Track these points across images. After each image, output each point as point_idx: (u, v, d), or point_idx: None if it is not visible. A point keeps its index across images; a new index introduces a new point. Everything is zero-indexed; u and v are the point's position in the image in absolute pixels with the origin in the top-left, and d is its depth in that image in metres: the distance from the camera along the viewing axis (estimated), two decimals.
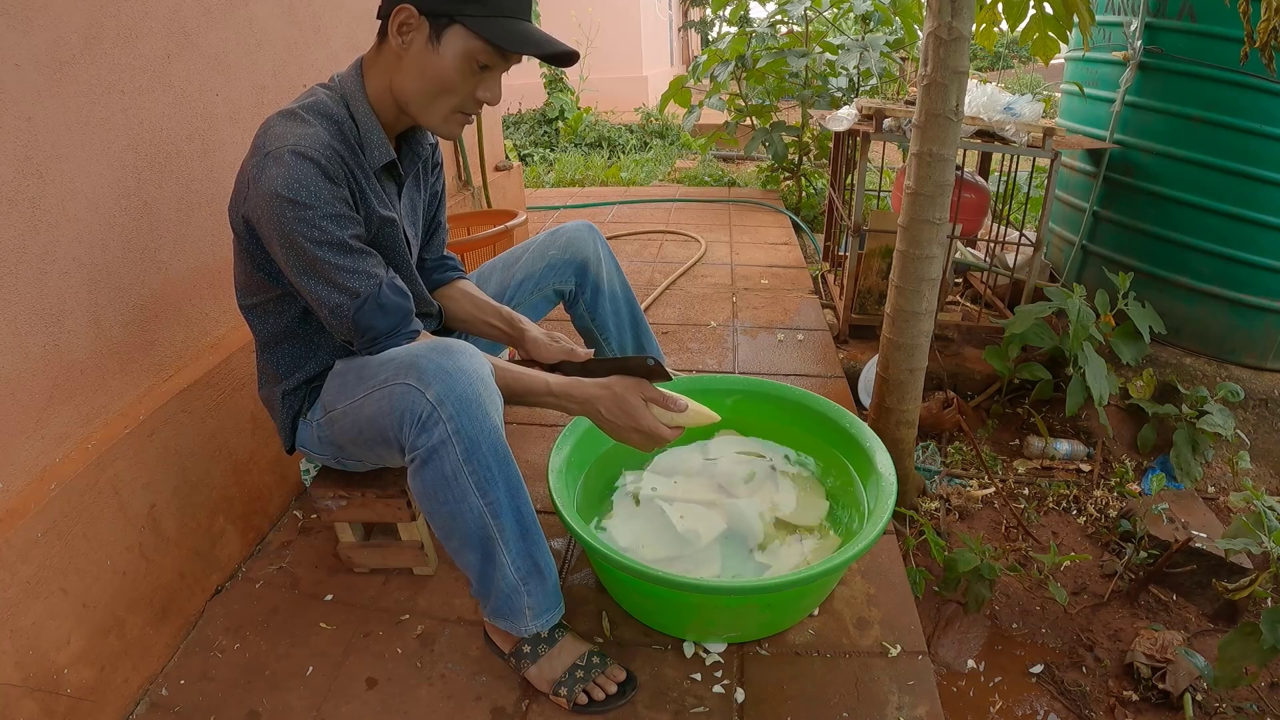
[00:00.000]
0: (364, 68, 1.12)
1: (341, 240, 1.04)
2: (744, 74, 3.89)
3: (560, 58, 1.08)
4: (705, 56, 3.99)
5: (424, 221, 1.35)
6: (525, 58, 1.09)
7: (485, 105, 1.12)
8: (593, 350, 1.28)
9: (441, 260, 1.42)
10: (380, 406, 1.05)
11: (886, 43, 3.62)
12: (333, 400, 1.16)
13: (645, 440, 1.13)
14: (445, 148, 2.75)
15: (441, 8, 1.01)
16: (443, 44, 1.03)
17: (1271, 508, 1.31)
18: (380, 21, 1.07)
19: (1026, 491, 1.94)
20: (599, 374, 1.22)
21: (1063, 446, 2.03)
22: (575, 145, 6.34)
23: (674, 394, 1.14)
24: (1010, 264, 2.39)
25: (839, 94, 3.86)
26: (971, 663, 1.47)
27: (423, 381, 1.00)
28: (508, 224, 2.28)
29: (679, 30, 14.13)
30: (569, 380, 1.15)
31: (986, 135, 2.14)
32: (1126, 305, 2.01)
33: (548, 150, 6.18)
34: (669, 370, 1.13)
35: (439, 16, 1.02)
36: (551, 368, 1.28)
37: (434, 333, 1.36)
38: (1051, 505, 1.90)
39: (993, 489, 1.89)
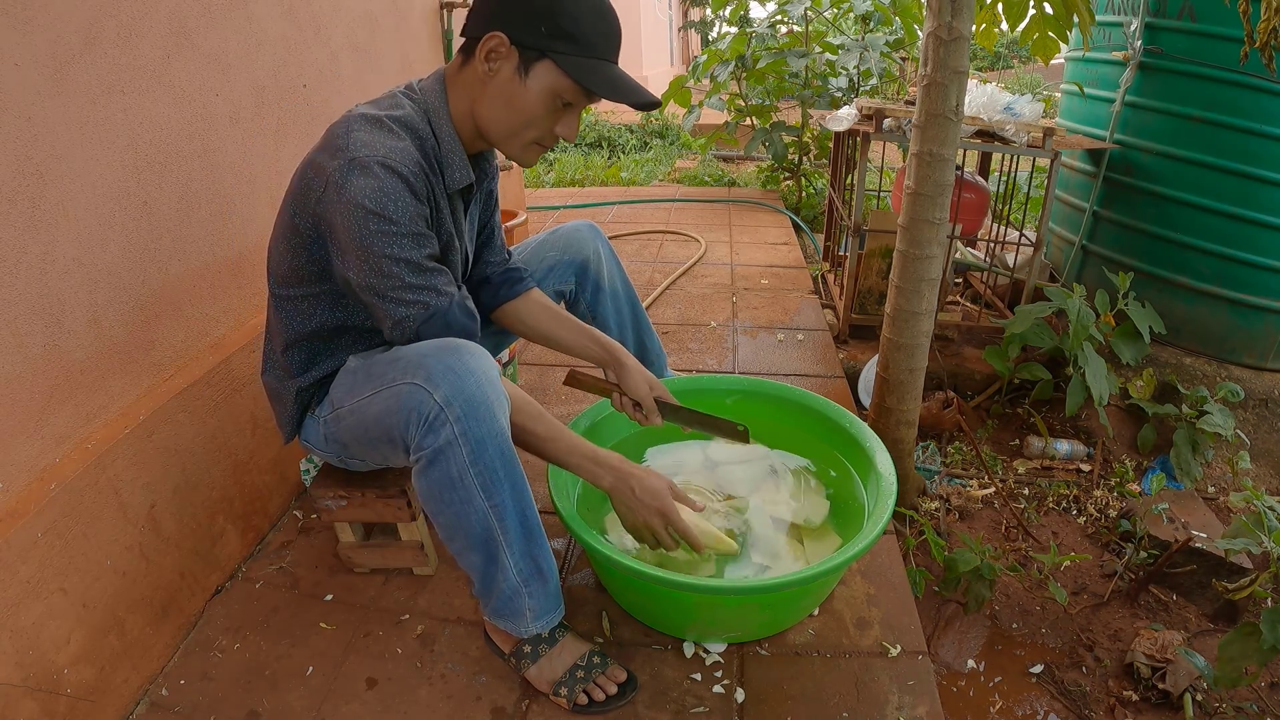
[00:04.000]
0: (447, 83, 1.11)
1: (418, 259, 1.03)
2: (744, 74, 3.89)
3: (644, 106, 1.09)
4: (705, 56, 3.99)
5: (478, 228, 1.34)
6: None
7: (562, 141, 1.11)
8: (663, 423, 1.34)
9: (510, 272, 1.38)
10: (387, 405, 1.04)
11: (886, 43, 3.62)
12: (341, 397, 1.16)
13: (659, 529, 1.13)
14: None
15: (534, 41, 1.01)
16: (530, 77, 1.03)
17: (1271, 508, 1.31)
18: (465, 39, 1.06)
19: (1026, 491, 1.94)
20: (684, 420, 1.33)
21: (1063, 446, 2.03)
22: (575, 145, 6.33)
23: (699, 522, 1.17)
24: (1010, 264, 2.39)
25: (839, 94, 3.86)
26: (971, 663, 1.47)
27: (430, 382, 1.00)
28: (508, 224, 2.29)
29: (679, 30, 14.14)
30: (609, 453, 1.15)
31: (986, 135, 2.13)
32: (1126, 305, 2.01)
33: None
34: (749, 438, 1.20)
35: (530, 49, 1.02)
36: (634, 405, 1.33)
37: None
38: (1051, 505, 1.90)
39: (993, 489, 1.89)
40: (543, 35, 1.00)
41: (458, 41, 1.25)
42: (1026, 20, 1.66)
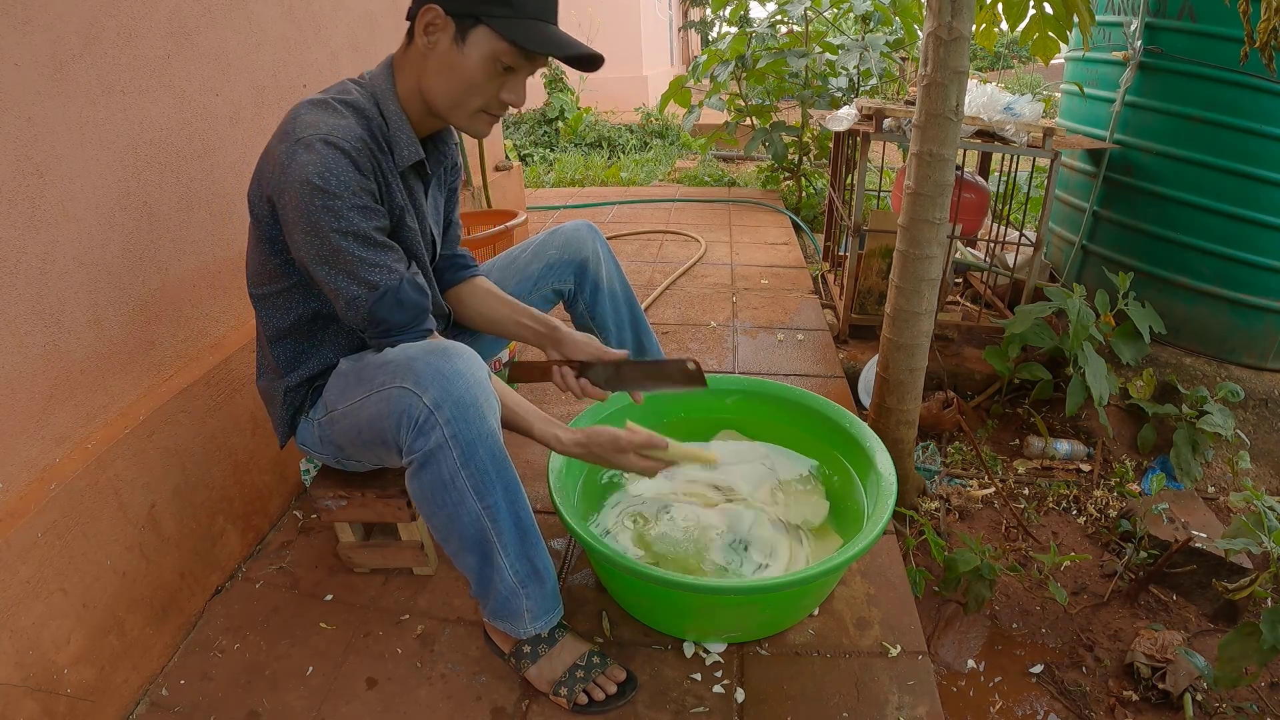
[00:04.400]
0: (394, 66, 1.13)
1: (366, 232, 1.04)
2: (744, 74, 3.89)
3: (584, 60, 1.09)
4: (705, 56, 3.99)
5: (441, 217, 1.35)
6: (552, 61, 1.09)
7: (510, 107, 1.12)
8: (624, 353, 1.29)
9: (454, 259, 1.40)
10: (378, 409, 1.05)
11: (886, 43, 3.62)
12: (334, 401, 1.16)
13: (633, 468, 1.15)
14: None
15: (467, 8, 1.02)
16: (468, 44, 1.04)
17: (1271, 508, 1.31)
18: (409, 22, 1.08)
19: (1026, 491, 1.94)
20: (633, 378, 1.25)
21: (1063, 446, 2.03)
22: (575, 145, 6.34)
23: (656, 437, 1.13)
24: (1010, 264, 2.39)
25: (839, 94, 3.86)
26: (971, 663, 1.47)
27: (419, 385, 1.00)
28: (508, 224, 2.28)
29: (679, 30, 14.13)
30: (550, 434, 1.14)
31: (986, 135, 2.13)
32: (1126, 305, 2.01)
33: (548, 150, 6.17)
34: (704, 378, 1.14)
35: (465, 17, 1.03)
36: (583, 367, 1.28)
37: (442, 334, 1.36)
38: (1051, 505, 1.90)
39: (993, 489, 1.89)
40: (475, 1, 1.02)
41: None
42: (1026, 20, 1.66)
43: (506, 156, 3.41)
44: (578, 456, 1.15)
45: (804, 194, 4.17)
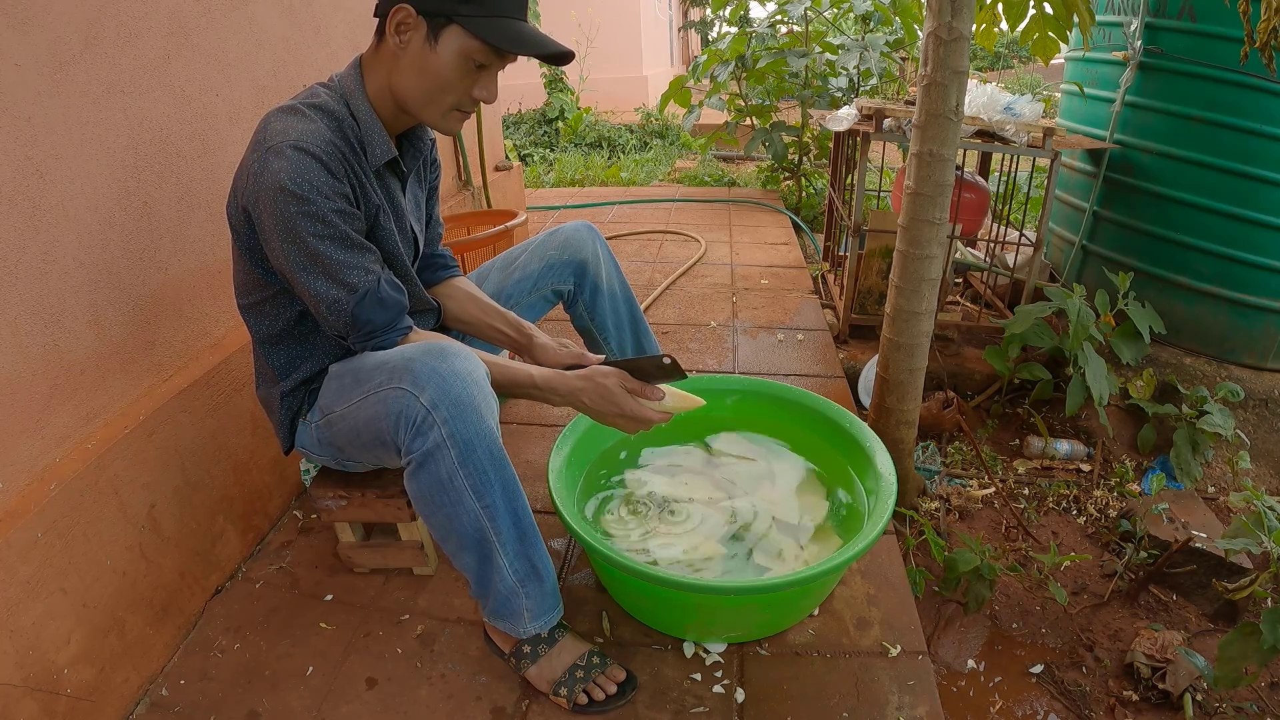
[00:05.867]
0: (363, 66, 1.12)
1: (344, 234, 1.05)
2: (744, 74, 3.89)
3: (556, 57, 1.09)
4: (705, 56, 3.99)
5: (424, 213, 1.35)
6: (523, 56, 1.09)
7: (483, 103, 1.12)
8: (603, 356, 1.28)
9: (433, 258, 1.40)
10: (376, 410, 1.05)
11: (886, 43, 3.62)
12: (330, 403, 1.17)
13: (632, 424, 1.13)
14: (444, 148, 2.75)
15: (438, 7, 1.02)
16: (440, 43, 1.04)
17: (1271, 508, 1.31)
18: (378, 20, 1.08)
19: (1026, 491, 1.94)
20: None
21: (1063, 446, 2.03)
22: (575, 145, 6.33)
23: (651, 387, 1.13)
24: (1010, 264, 2.39)
25: (839, 94, 3.86)
26: (971, 663, 1.47)
27: (416, 385, 1.00)
28: (508, 224, 2.28)
29: (679, 30, 14.13)
30: (552, 373, 1.15)
31: (986, 135, 2.13)
32: (1126, 305, 2.01)
33: (548, 150, 6.17)
34: (684, 370, 1.13)
35: (436, 16, 1.03)
36: None
37: (433, 329, 1.36)
38: (1051, 505, 1.90)
39: (993, 489, 1.89)
40: (446, 0, 1.02)
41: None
42: (1026, 20, 1.66)
43: (506, 156, 3.41)
44: (581, 400, 1.12)
45: (804, 194, 4.17)
